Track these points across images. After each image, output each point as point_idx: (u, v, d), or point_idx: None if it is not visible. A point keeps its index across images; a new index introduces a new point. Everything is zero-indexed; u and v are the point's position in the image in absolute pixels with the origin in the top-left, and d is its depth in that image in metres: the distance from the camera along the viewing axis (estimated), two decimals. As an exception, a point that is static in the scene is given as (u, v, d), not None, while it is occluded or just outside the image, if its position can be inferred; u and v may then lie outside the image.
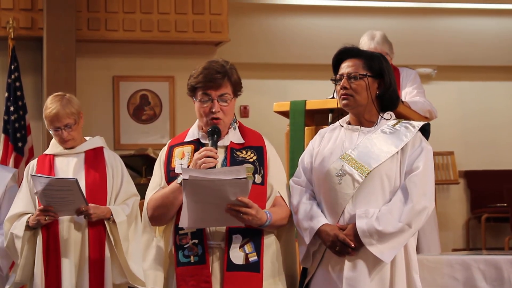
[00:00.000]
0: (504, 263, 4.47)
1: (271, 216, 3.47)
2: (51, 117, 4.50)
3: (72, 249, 4.45)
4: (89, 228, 4.47)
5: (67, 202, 4.35)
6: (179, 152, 3.62)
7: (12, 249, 4.49)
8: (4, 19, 7.96)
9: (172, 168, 3.60)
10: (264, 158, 3.59)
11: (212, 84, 3.54)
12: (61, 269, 4.42)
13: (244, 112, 9.40)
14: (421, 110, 5.53)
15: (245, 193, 3.34)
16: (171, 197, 3.51)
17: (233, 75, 3.59)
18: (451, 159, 9.78)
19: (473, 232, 9.76)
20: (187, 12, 8.42)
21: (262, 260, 3.49)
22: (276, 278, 3.55)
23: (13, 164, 7.49)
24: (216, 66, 3.56)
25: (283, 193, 3.61)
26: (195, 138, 3.64)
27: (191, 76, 3.60)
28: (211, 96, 3.55)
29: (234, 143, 3.61)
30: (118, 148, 8.21)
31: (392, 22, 9.36)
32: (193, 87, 3.59)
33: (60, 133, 4.52)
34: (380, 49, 5.67)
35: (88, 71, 8.25)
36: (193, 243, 3.49)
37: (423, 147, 3.49)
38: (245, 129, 3.69)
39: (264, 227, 3.48)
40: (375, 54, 3.63)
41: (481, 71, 9.96)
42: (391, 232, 3.36)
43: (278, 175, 3.63)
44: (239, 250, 3.47)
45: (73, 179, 4.34)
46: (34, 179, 4.39)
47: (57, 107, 4.50)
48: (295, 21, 9.38)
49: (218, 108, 3.55)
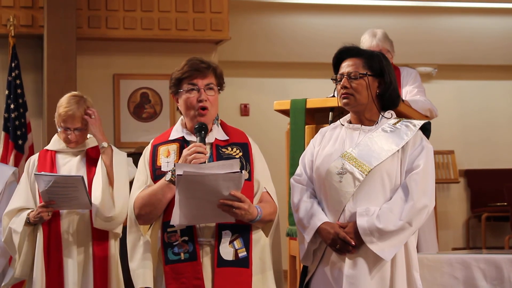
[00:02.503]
0: (504, 262, 4.48)
1: (261, 211, 3.50)
2: (66, 117, 4.50)
3: (75, 245, 4.45)
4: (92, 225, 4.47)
5: (71, 198, 4.35)
6: (164, 151, 3.63)
7: (10, 244, 4.48)
8: (4, 17, 7.95)
9: (158, 166, 3.60)
10: (249, 154, 3.62)
11: (198, 73, 3.59)
12: (63, 265, 4.41)
13: (245, 110, 9.40)
14: (421, 109, 5.53)
15: (238, 187, 3.36)
16: (159, 194, 3.51)
17: (217, 68, 3.66)
18: (451, 158, 9.78)
19: (473, 231, 9.77)
20: (187, 10, 8.41)
21: (251, 256, 3.51)
22: (264, 273, 3.57)
23: (13, 162, 7.49)
24: (200, 58, 3.64)
25: (269, 189, 3.64)
26: (179, 136, 3.65)
27: (175, 71, 3.66)
28: (197, 85, 3.59)
29: (219, 140, 3.63)
30: (118, 146, 8.10)
31: (392, 20, 9.37)
32: (179, 79, 3.62)
33: (68, 133, 4.53)
34: (381, 46, 5.68)
35: (89, 69, 8.25)
36: (183, 240, 3.49)
37: (424, 146, 3.50)
38: (227, 127, 3.72)
39: (254, 222, 3.50)
40: (375, 53, 3.63)
41: (482, 70, 9.97)
42: (391, 230, 3.37)
43: (263, 171, 3.65)
44: (229, 246, 3.49)
45: (79, 176, 4.34)
46: (37, 178, 4.38)
47: (73, 109, 4.50)
48: (296, 19, 9.38)
49: (205, 97, 3.57)
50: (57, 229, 4.44)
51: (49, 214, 4.39)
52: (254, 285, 3.51)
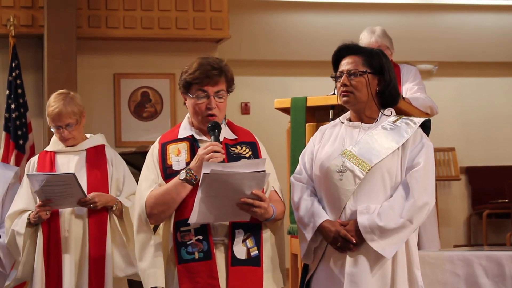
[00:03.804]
0: (506, 259, 4.48)
1: (275, 210, 3.50)
2: (53, 115, 4.50)
3: (73, 245, 4.45)
4: (90, 224, 4.47)
5: (66, 196, 4.35)
6: (174, 149, 3.60)
7: (13, 246, 4.49)
8: (4, 17, 7.95)
9: (168, 165, 3.57)
10: (258, 153, 3.62)
11: (209, 80, 3.53)
12: (62, 265, 4.42)
13: (245, 109, 9.39)
14: (422, 106, 5.53)
15: (260, 186, 3.37)
16: (173, 193, 3.49)
17: (228, 72, 3.60)
18: (452, 155, 9.78)
19: (474, 228, 9.76)
20: (187, 9, 8.41)
21: (262, 254, 3.51)
22: (274, 272, 3.57)
23: (14, 162, 7.48)
24: (212, 62, 3.56)
25: (277, 188, 3.64)
26: (189, 135, 3.62)
27: (185, 72, 3.58)
28: (207, 92, 3.54)
29: (228, 139, 3.62)
30: (119, 146, 8.21)
31: (392, 18, 9.36)
32: (188, 83, 3.57)
33: (61, 131, 4.53)
34: (380, 42, 5.68)
35: (89, 69, 8.25)
36: (197, 239, 3.47)
37: (424, 143, 3.50)
38: (234, 126, 3.71)
39: (269, 221, 3.51)
40: (374, 50, 3.63)
41: (482, 67, 9.96)
42: (392, 228, 3.37)
43: (270, 170, 3.64)
44: (242, 245, 3.49)
45: (71, 173, 4.33)
46: (30, 178, 4.38)
47: (59, 106, 4.50)
48: (296, 18, 9.38)
49: (214, 105, 3.55)
50: (56, 230, 4.45)
51: (47, 213, 4.38)
52: (264, 284, 3.51)
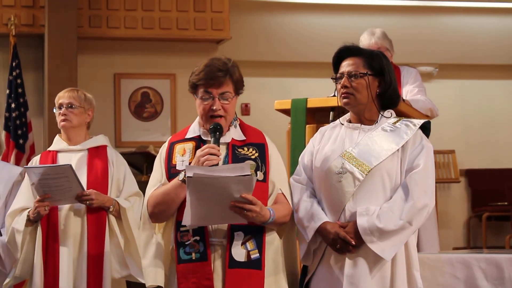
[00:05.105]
0: (505, 261, 4.47)
1: (274, 213, 3.46)
2: (59, 96, 4.62)
3: (71, 242, 4.45)
4: (88, 221, 4.47)
5: (64, 190, 4.34)
6: (180, 149, 3.61)
7: (13, 243, 4.49)
8: (5, 16, 7.96)
9: (173, 164, 3.58)
10: (265, 155, 3.58)
11: (214, 82, 3.52)
12: (59, 263, 4.41)
13: (245, 110, 9.39)
14: (422, 108, 5.53)
15: (249, 190, 3.34)
16: (172, 194, 3.50)
17: (235, 73, 3.57)
18: (452, 157, 9.77)
19: (474, 230, 9.75)
20: (188, 10, 8.42)
21: (264, 257, 3.48)
22: (277, 275, 3.54)
23: (14, 161, 7.49)
24: (218, 63, 3.55)
25: (285, 190, 3.60)
26: (196, 135, 3.62)
27: (193, 73, 3.58)
28: (212, 94, 3.54)
29: (236, 140, 3.60)
30: (119, 146, 8.21)
31: (393, 20, 9.36)
32: (195, 84, 3.57)
33: (61, 111, 4.58)
34: (380, 44, 5.68)
35: (90, 69, 8.25)
36: (194, 240, 3.48)
37: (424, 145, 3.50)
38: (246, 127, 3.68)
39: (267, 224, 3.48)
40: (375, 52, 3.62)
41: (483, 70, 9.95)
42: (392, 230, 3.37)
43: (279, 172, 3.62)
44: (241, 247, 3.47)
45: (68, 165, 4.33)
46: (28, 171, 4.39)
47: (68, 90, 4.66)
48: (297, 19, 9.38)
49: (219, 106, 3.53)
50: (55, 228, 4.45)
51: (46, 209, 4.37)
52: (266, 287, 3.48)
